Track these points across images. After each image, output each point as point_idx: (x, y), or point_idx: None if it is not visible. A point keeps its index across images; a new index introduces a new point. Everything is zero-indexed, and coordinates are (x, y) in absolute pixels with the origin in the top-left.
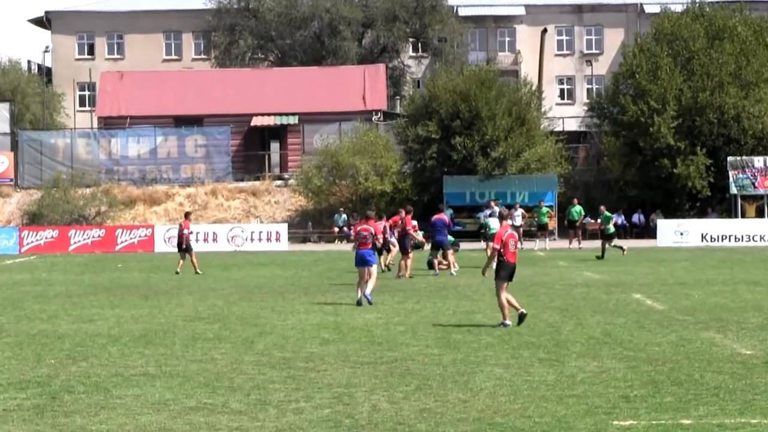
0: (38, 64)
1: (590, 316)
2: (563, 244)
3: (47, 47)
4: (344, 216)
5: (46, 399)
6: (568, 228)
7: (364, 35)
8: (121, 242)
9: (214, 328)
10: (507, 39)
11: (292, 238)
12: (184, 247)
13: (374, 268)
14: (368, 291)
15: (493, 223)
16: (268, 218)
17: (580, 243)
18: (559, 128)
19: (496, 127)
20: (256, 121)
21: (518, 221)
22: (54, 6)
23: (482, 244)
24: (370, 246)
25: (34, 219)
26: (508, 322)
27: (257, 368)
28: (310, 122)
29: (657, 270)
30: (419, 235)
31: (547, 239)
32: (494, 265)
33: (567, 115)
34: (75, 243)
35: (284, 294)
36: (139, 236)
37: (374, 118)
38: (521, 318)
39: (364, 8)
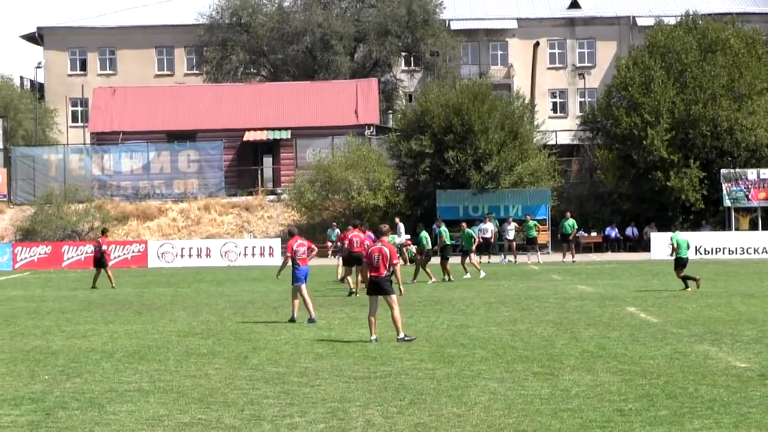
0: (31, 80)
1: (584, 330)
2: (557, 257)
3: (39, 63)
4: (337, 230)
5: (40, 415)
6: (561, 241)
7: (356, 49)
8: (114, 258)
9: (208, 344)
10: (499, 52)
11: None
12: (101, 262)
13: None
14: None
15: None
16: (261, 233)
17: (573, 256)
18: (552, 141)
19: (489, 141)
20: (249, 136)
21: (511, 235)
22: (46, 22)
23: (475, 258)
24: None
25: (27, 235)
26: (373, 338)
27: (251, 383)
28: (303, 137)
29: (651, 283)
30: (412, 248)
31: (539, 252)
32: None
33: (560, 129)
34: (68, 259)
35: (278, 309)
36: (132, 252)
37: (367, 132)
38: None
39: (356, 23)
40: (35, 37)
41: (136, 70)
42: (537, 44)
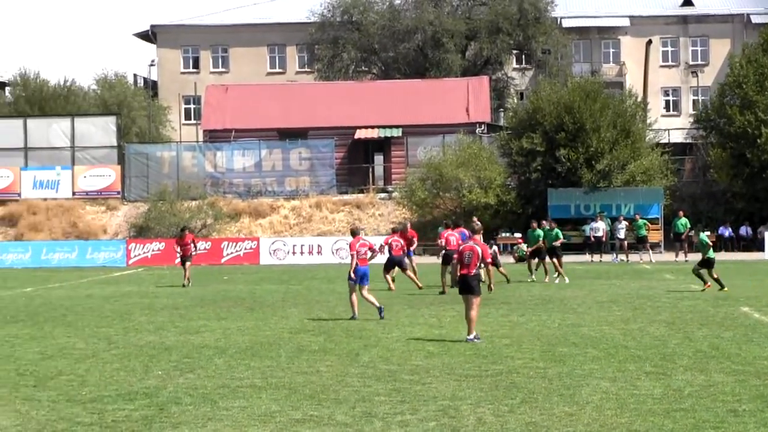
0: (144, 78)
1: (697, 330)
2: (670, 256)
3: (153, 61)
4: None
5: (153, 410)
6: (673, 240)
7: (467, 47)
8: (227, 255)
9: (320, 341)
10: (611, 50)
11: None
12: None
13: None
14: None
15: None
16: (372, 231)
17: (686, 255)
18: (664, 140)
19: (600, 139)
20: (360, 134)
21: (622, 234)
22: (159, 20)
23: (587, 257)
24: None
25: (140, 231)
26: (470, 336)
27: (362, 380)
28: (414, 135)
29: (765, 283)
30: (523, 247)
31: (650, 252)
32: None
33: (672, 127)
34: None
35: (389, 307)
36: (245, 249)
37: (478, 130)
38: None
39: (467, 20)
40: (149, 36)
41: (248, 67)
42: (649, 42)
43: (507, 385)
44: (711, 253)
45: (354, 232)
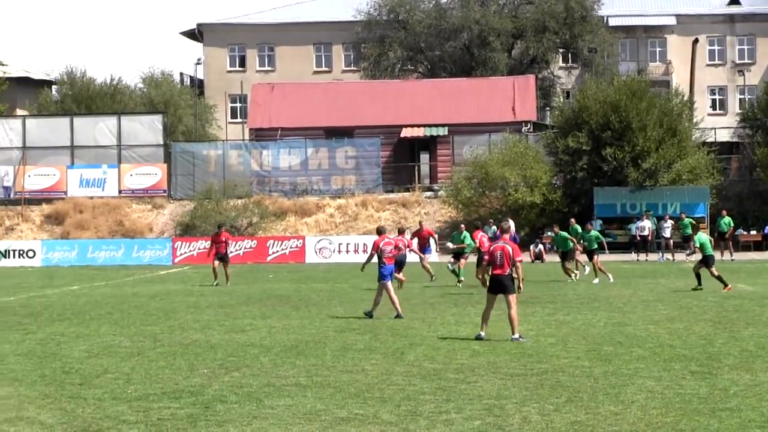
0: (190, 77)
1: (743, 329)
2: (716, 256)
3: (199, 59)
4: (494, 227)
5: (199, 408)
6: (718, 240)
7: (513, 46)
8: (273, 253)
9: (365, 339)
10: (658, 49)
11: (442, 249)
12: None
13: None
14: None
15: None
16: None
17: (731, 255)
18: (710, 139)
19: (647, 138)
20: (406, 133)
21: (668, 233)
22: (205, 19)
23: (633, 256)
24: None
25: (186, 230)
26: (482, 333)
27: (408, 379)
28: (460, 133)
29: None
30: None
31: (694, 251)
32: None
33: (719, 126)
34: (228, 253)
35: (434, 305)
36: (291, 247)
37: (524, 129)
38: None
39: (513, 19)
40: (195, 34)
41: (295, 66)
42: (696, 41)
43: (552, 384)
44: (710, 251)
45: (380, 231)
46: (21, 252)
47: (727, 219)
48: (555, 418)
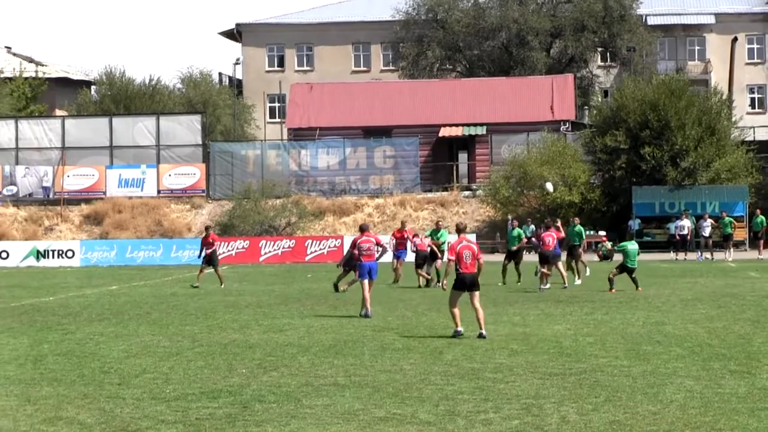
0: (229, 76)
1: None
2: (755, 254)
3: (238, 59)
4: (532, 226)
5: (237, 408)
6: (754, 239)
7: (552, 45)
8: (311, 253)
9: (403, 339)
10: (696, 48)
11: (480, 249)
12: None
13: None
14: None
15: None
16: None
17: (760, 253)
18: (749, 138)
19: (685, 137)
20: (444, 132)
21: (707, 232)
22: (244, 19)
23: (672, 255)
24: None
25: (225, 230)
26: (459, 329)
27: (446, 379)
28: (498, 132)
29: None
30: (608, 245)
31: (731, 250)
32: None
33: (758, 125)
34: (265, 253)
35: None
36: (329, 247)
37: (562, 128)
38: (480, 336)
39: (552, 18)
40: (234, 34)
41: (333, 66)
42: (735, 39)
43: (591, 384)
44: (632, 262)
45: (362, 229)
46: (60, 252)
47: (761, 218)
48: (593, 418)
